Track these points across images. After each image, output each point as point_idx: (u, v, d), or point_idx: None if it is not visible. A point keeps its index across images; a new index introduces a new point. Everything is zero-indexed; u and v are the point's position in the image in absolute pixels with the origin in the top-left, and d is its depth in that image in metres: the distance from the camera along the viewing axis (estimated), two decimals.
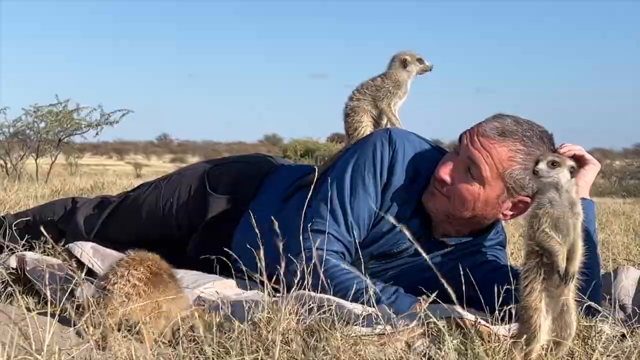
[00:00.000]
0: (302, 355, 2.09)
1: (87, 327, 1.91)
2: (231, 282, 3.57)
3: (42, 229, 2.59)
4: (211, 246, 3.90)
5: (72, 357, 1.55)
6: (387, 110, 3.73)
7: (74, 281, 2.73)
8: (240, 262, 3.23)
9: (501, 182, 3.35)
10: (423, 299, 2.28)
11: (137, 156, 66.14)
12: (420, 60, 3.80)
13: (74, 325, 2.25)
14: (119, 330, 2.26)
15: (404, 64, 3.77)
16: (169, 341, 2.54)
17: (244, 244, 3.61)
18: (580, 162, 3.34)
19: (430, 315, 2.25)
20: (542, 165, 2.62)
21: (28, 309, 2.54)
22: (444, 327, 2.16)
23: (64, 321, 2.26)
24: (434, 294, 2.42)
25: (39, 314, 2.42)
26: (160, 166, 45.99)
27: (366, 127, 3.72)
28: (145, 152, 73.84)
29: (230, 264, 3.71)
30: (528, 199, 3.34)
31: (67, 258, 3.31)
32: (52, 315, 2.43)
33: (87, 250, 3.25)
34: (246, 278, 3.31)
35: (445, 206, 3.45)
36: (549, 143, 3.39)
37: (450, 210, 3.45)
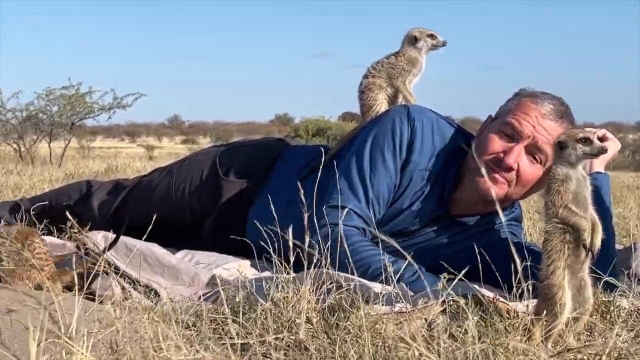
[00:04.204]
0: (325, 334, 2.09)
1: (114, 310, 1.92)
2: (247, 263, 3.58)
3: (67, 214, 2.59)
4: (225, 229, 3.91)
5: (99, 339, 1.56)
6: (402, 87, 3.71)
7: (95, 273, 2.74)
8: (256, 243, 3.25)
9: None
10: (444, 276, 2.27)
11: (149, 138, 66.13)
12: (432, 36, 3.77)
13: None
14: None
15: (414, 40, 3.75)
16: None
17: (258, 226, 3.63)
18: (601, 139, 3.36)
19: (452, 292, 2.25)
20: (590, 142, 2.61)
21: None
22: (466, 304, 2.16)
23: (86, 306, 2.27)
24: (462, 273, 2.41)
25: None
26: (171, 148, 46.04)
27: (381, 104, 3.71)
28: (157, 134, 73.80)
29: (246, 246, 3.74)
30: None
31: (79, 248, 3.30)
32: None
33: (98, 240, 3.25)
34: (263, 259, 3.30)
35: (505, 190, 3.44)
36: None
37: (508, 194, 3.45)
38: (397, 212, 3.54)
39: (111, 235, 3.24)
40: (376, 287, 2.74)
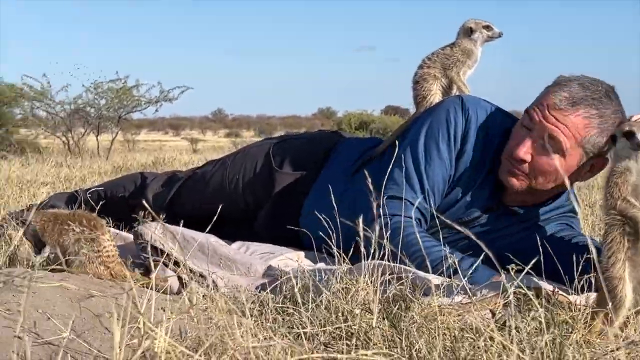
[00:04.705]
0: (391, 325, 2.11)
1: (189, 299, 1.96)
2: (301, 254, 3.61)
3: (144, 202, 2.63)
4: (279, 221, 3.94)
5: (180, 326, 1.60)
6: (456, 78, 3.70)
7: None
8: (310, 235, 3.27)
9: (580, 149, 3.33)
10: (512, 268, 2.26)
11: (193, 131, 66.62)
12: (487, 28, 3.75)
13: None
14: None
15: (469, 31, 3.74)
16: None
17: (312, 218, 3.64)
18: None
19: (516, 284, 2.24)
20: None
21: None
22: (533, 295, 2.16)
23: (157, 295, 2.31)
24: (529, 265, 2.39)
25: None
26: (215, 141, 46.24)
27: (435, 95, 3.70)
28: (201, 127, 74.30)
29: (299, 237, 3.76)
30: (604, 158, 3.34)
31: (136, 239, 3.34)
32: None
33: (155, 231, 3.28)
34: (322, 250, 3.32)
35: (527, 182, 3.42)
36: (616, 99, 3.37)
37: (533, 185, 3.43)
38: (452, 203, 3.53)
39: (170, 227, 3.27)
40: (433, 278, 2.74)
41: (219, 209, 3.04)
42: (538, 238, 2.94)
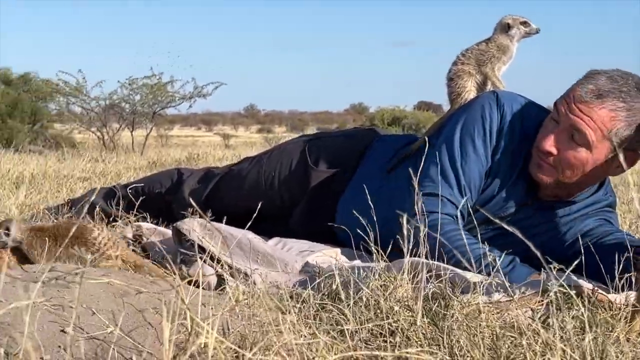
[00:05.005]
0: (432, 322, 2.11)
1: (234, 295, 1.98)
2: (337, 251, 3.62)
3: (191, 200, 2.64)
4: (314, 218, 3.96)
5: (222, 323, 1.62)
6: (490, 74, 3.69)
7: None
8: (346, 233, 3.28)
9: (607, 142, 3.30)
10: (554, 267, 2.26)
11: (225, 127, 66.91)
12: (525, 24, 3.73)
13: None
14: None
15: (507, 27, 3.72)
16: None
17: (349, 215, 3.65)
18: None
19: (563, 284, 2.24)
20: None
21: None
22: (574, 294, 2.15)
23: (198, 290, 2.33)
24: (573, 265, 2.37)
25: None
26: (247, 137, 46.40)
27: (470, 91, 3.68)
28: (233, 123, 74.61)
29: (335, 234, 3.78)
30: (636, 153, 3.31)
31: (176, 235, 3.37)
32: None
33: (194, 227, 3.31)
34: (361, 248, 3.33)
35: (554, 175, 3.40)
36: None
37: (560, 179, 3.41)
38: (488, 199, 3.52)
39: (208, 223, 3.30)
40: (471, 276, 2.74)
41: (258, 206, 3.06)
42: (575, 234, 2.92)
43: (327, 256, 3.46)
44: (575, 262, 2.35)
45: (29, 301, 1.47)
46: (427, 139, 3.71)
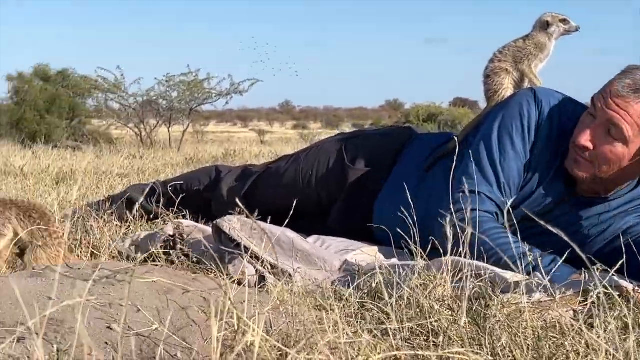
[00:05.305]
0: (473, 322, 2.12)
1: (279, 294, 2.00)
2: (376, 250, 3.62)
3: (236, 200, 2.66)
4: (352, 216, 3.97)
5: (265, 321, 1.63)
6: (527, 71, 3.67)
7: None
8: (383, 231, 3.28)
9: None
10: (597, 269, 2.24)
11: (260, 123, 67.15)
12: (564, 21, 3.71)
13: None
14: None
15: (546, 25, 3.71)
16: None
17: (386, 213, 3.66)
18: None
19: (606, 284, 2.22)
20: None
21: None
22: (619, 295, 2.15)
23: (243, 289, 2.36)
24: (617, 265, 2.35)
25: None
26: (282, 133, 46.51)
27: (507, 89, 3.67)
28: (268, 119, 74.88)
29: (372, 233, 3.78)
30: None
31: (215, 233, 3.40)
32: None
33: (234, 225, 3.33)
34: (390, 246, 3.34)
35: (590, 171, 3.38)
36: None
37: (596, 174, 3.39)
38: (526, 196, 3.50)
39: (249, 221, 3.32)
40: (512, 275, 2.73)
41: (294, 204, 3.07)
42: (615, 232, 2.90)
43: (366, 254, 3.47)
44: (620, 262, 2.33)
45: (81, 299, 1.50)
46: (464, 137, 3.71)
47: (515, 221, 3.13)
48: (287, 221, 2.91)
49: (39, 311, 1.46)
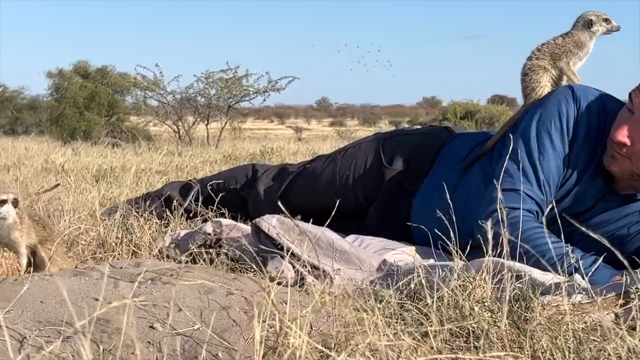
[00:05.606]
0: (514, 324, 2.11)
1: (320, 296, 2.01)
2: (414, 250, 3.62)
3: (277, 201, 2.67)
4: (389, 216, 3.97)
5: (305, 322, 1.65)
6: (565, 68, 3.64)
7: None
8: (421, 231, 3.28)
9: None
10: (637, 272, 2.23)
11: (297, 120, 67.28)
12: (607, 21, 3.68)
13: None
14: None
15: (589, 24, 3.67)
16: None
17: (424, 213, 3.65)
18: None
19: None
20: None
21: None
22: None
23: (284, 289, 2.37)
24: None
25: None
26: (319, 130, 46.51)
27: (544, 87, 3.64)
28: (305, 116, 74.99)
29: (409, 233, 3.78)
30: None
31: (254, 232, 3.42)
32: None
33: (273, 224, 3.34)
34: (429, 246, 3.33)
35: (628, 167, 3.34)
36: None
37: (634, 170, 3.36)
38: (565, 193, 3.47)
39: (287, 220, 3.33)
40: (552, 277, 2.71)
41: (332, 204, 3.08)
42: None
43: (404, 254, 3.47)
44: None
45: (129, 300, 1.53)
46: (502, 135, 3.69)
47: (558, 219, 3.10)
48: (328, 221, 2.90)
49: (88, 311, 1.48)
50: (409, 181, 3.98)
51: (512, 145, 3.44)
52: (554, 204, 3.31)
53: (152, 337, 2.02)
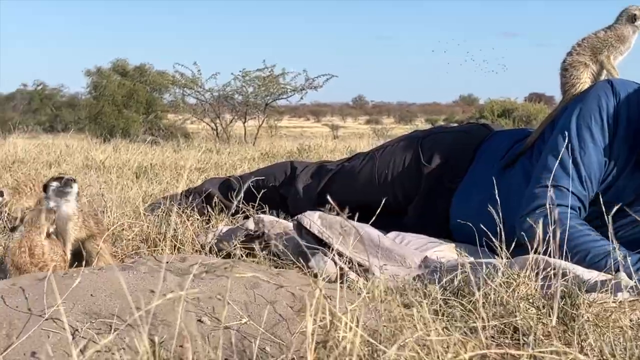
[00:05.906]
0: (562, 322, 2.11)
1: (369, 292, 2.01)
2: (453, 247, 3.61)
3: (328, 197, 2.69)
4: (429, 214, 3.96)
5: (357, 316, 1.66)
6: (606, 62, 3.61)
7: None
8: (461, 229, 3.27)
9: None
10: None
11: (333, 118, 67.29)
12: None
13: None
14: None
15: (633, 18, 3.64)
16: None
17: (464, 211, 3.64)
18: None
19: None
20: None
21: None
22: None
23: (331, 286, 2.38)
24: None
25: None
26: (355, 127, 46.45)
27: (584, 83, 3.61)
28: (341, 114, 74.97)
29: (449, 230, 3.77)
30: None
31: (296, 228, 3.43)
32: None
33: (315, 220, 3.35)
34: (473, 244, 3.32)
35: None
36: None
37: None
38: (607, 188, 3.44)
39: (329, 217, 3.34)
40: (597, 274, 2.70)
41: (370, 202, 3.07)
42: None
43: (446, 251, 3.47)
44: None
45: (183, 292, 1.55)
46: (541, 132, 3.67)
47: (605, 214, 3.07)
48: (373, 219, 2.90)
49: (144, 304, 1.51)
50: (448, 179, 3.97)
51: (552, 141, 3.42)
52: (596, 199, 3.28)
53: (200, 330, 2.05)
